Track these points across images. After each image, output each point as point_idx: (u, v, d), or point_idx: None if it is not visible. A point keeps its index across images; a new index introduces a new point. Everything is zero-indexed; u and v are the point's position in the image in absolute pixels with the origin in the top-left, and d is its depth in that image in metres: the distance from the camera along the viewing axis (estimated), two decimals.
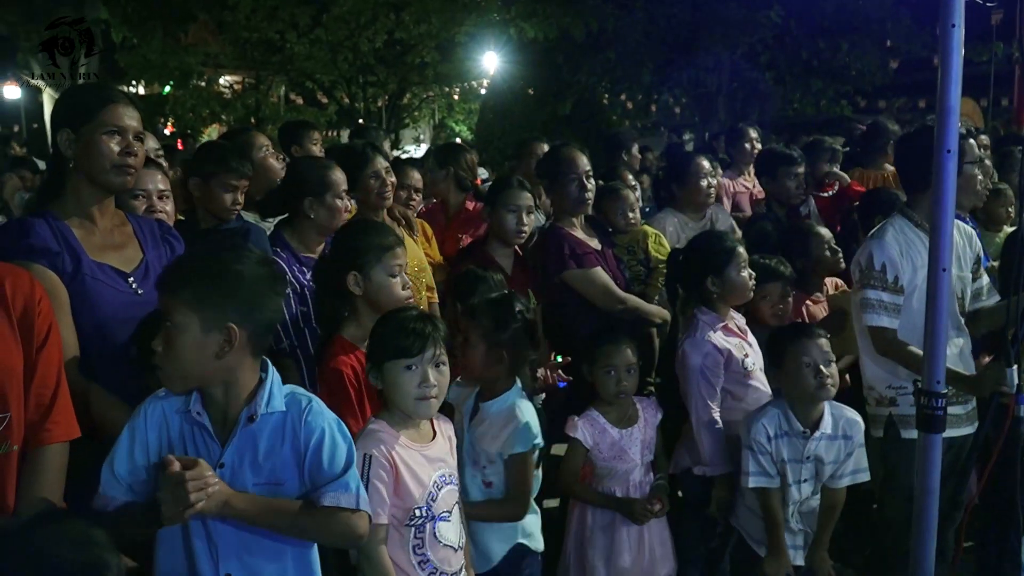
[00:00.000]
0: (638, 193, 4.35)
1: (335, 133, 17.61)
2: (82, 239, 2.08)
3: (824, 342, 2.76)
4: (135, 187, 2.41)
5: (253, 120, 16.22)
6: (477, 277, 2.97)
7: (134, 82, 15.20)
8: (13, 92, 17.27)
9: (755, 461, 2.73)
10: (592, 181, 3.44)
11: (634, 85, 14.11)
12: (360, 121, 16.55)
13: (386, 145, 4.96)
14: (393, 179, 3.35)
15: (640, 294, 3.62)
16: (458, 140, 17.36)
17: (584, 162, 3.39)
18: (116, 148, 2.07)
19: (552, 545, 2.85)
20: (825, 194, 4.79)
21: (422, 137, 22.48)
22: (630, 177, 4.54)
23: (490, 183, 4.73)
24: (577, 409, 2.98)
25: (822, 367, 2.69)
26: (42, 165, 8.01)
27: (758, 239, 3.77)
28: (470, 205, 4.21)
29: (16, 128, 19.52)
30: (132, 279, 2.15)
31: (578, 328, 3.34)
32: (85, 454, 1.82)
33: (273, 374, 1.77)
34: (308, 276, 2.76)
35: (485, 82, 18.17)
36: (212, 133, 17.52)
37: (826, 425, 2.75)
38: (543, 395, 3.08)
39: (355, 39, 15.37)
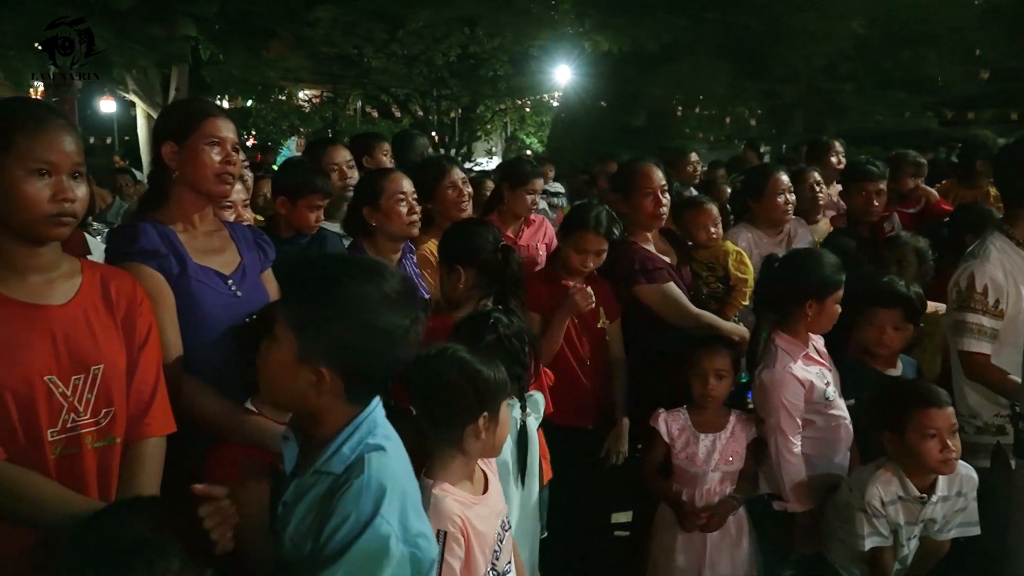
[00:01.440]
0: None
1: None
2: (186, 243, 2.17)
3: (951, 411, 2.51)
4: None
5: (330, 132, 16.62)
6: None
7: (219, 96, 15.77)
8: (109, 106, 18.11)
9: (870, 524, 2.55)
10: (667, 196, 3.41)
11: (707, 97, 13.93)
12: (433, 134, 16.79)
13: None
14: (469, 190, 3.40)
15: (717, 312, 3.56)
16: (528, 153, 17.45)
17: (659, 176, 3.37)
18: (217, 158, 2.16)
19: None
20: (910, 210, 4.63)
21: (494, 149, 22.67)
22: (728, 190, 4.42)
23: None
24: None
25: (948, 440, 2.47)
26: (139, 175, 8.39)
27: (837, 256, 3.66)
28: (533, 216, 4.31)
29: (109, 140, 20.45)
30: (231, 281, 2.23)
31: (649, 344, 3.31)
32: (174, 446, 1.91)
33: (359, 425, 1.46)
34: None
35: (557, 94, 18.22)
36: (290, 145, 18.04)
37: (942, 487, 2.57)
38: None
39: (429, 53, 15.63)
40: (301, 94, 19.22)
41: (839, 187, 4.51)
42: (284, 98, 17.76)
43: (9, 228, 1.69)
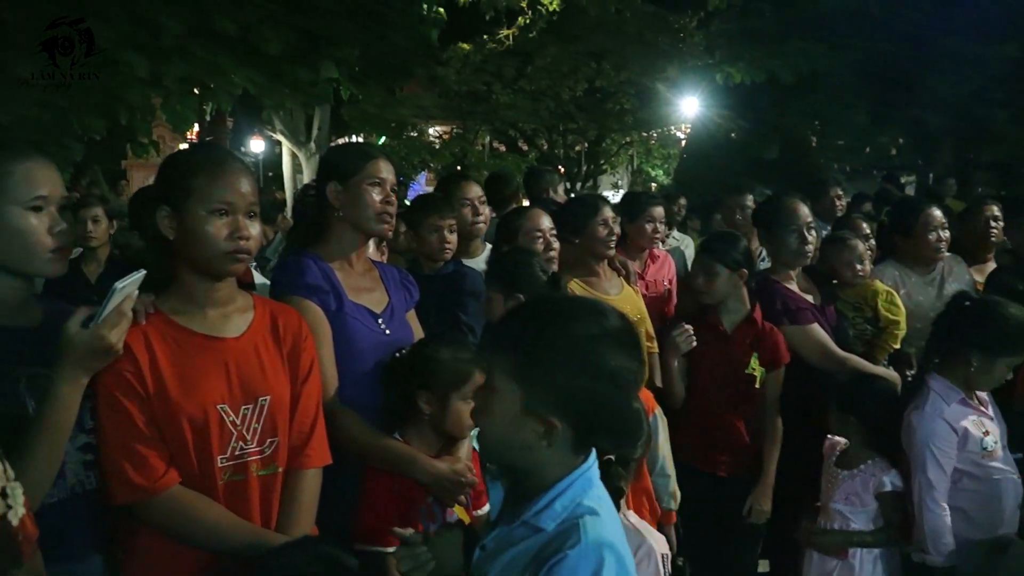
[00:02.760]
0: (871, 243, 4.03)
1: None
2: (343, 280, 2.27)
3: None
4: None
5: (459, 167, 17.08)
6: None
7: (355, 134, 16.54)
8: (258, 145, 19.34)
9: None
10: (813, 232, 3.29)
11: (846, 126, 13.38)
12: (560, 167, 16.95)
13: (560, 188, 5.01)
14: (619, 230, 3.38)
15: (864, 355, 3.38)
16: (652, 186, 17.30)
17: (806, 212, 3.26)
18: (378, 198, 2.26)
19: None
20: None
21: (620, 183, 22.64)
22: (864, 226, 4.23)
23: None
24: None
25: None
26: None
27: (1001, 295, 3.41)
28: (656, 251, 4.19)
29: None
30: (381, 320, 2.31)
31: (794, 387, 3.18)
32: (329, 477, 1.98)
33: (575, 481, 1.35)
34: None
35: (684, 126, 18.03)
36: (420, 179, 18.64)
37: None
38: None
39: (557, 88, 15.83)
40: (431, 130, 19.87)
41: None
42: (415, 134, 18.40)
43: (191, 264, 1.82)
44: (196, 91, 9.37)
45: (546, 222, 3.06)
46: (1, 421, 1.59)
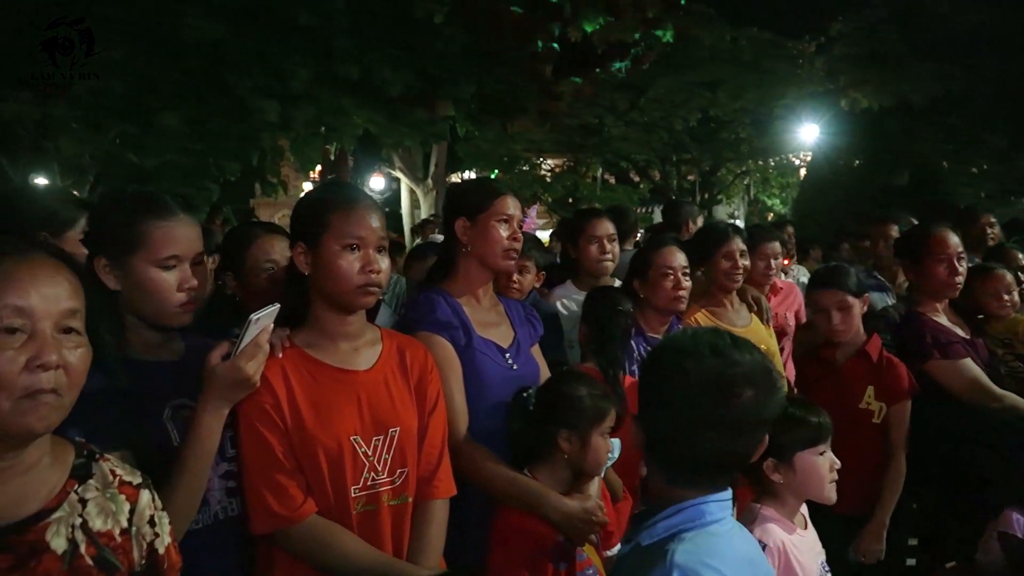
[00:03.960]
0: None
1: (648, 210, 17.96)
2: (470, 315, 2.28)
3: None
4: None
5: (571, 200, 17.13)
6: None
7: (469, 169, 16.90)
8: (378, 183, 20.05)
9: None
10: (963, 263, 3.07)
11: (982, 151, 12.62)
12: (673, 197, 16.73)
13: (700, 219, 4.89)
14: (746, 262, 3.26)
15: (1019, 392, 3.11)
16: (769, 216, 16.80)
17: (956, 242, 3.06)
18: (505, 234, 2.27)
19: None
20: None
21: (736, 213, 22.13)
22: (1021, 256, 3.92)
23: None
24: None
25: None
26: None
27: None
28: (778, 283, 4.01)
29: None
30: (508, 355, 2.31)
31: (943, 426, 2.95)
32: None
33: (684, 509, 1.37)
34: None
35: (803, 155, 17.49)
36: (531, 213, 18.79)
37: None
38: None
39: (670, 119, 15.69)
40: (544, 163, 20.06)
41: None
42: (526, 168, 18.61)
43: (324, 298, 1.86)
44: (321, 132, 9.84)
45: (680, 259, 2.99)
46: (147, 451, 1.66)
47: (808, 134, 15.80)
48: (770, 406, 1.35)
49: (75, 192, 10.36)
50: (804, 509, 2.19)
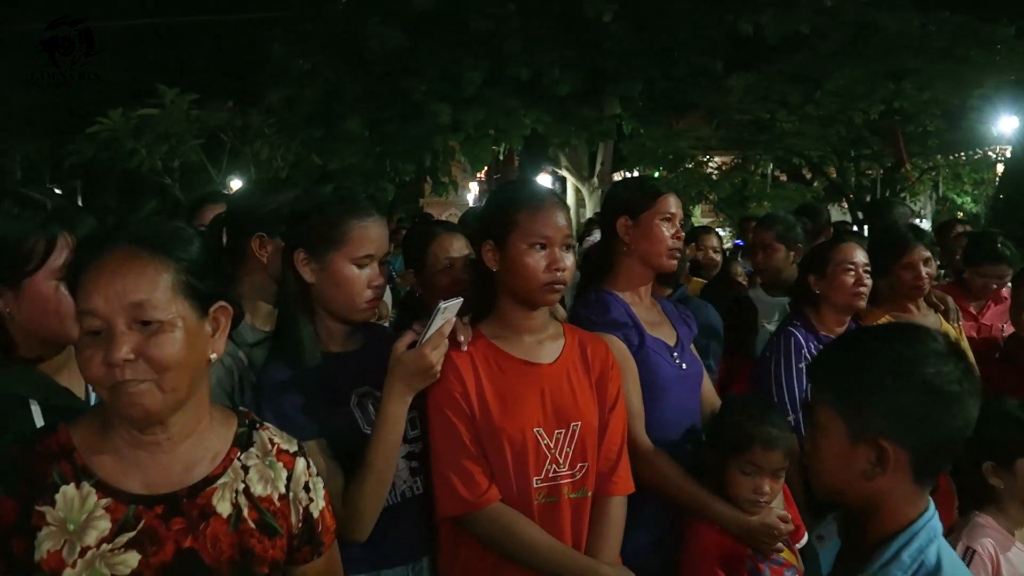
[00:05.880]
0: None
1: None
2: (638, 315, 2.28)
3: None
4: None
5: (740, 198, 16.59)
6: None
7: (634, 168, 16.74)
8: (544, 181, 20.24)
9: None
10: None
11: None
12: (851, 196, 15.82)
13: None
14: (931, 269, 3.08)
15: None
16: (959, 214, 15.50)
17: None
18: (668, 233, 2.27)
19: None
20: None
21: (923, 212, 20.59)
22: None
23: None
24: None
25: None
26: None
27: None
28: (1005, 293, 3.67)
29: None
30: (675, 354, 2.30)
31: None
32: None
33: (925, 527, 1.26)
34: None
35: (1000, 149, 16.00)
36: (696, 212, 18.35)
37: None
38: None
39: (849, 112, 14.81)
40: (710, 161, 19.53)
41: None
42: (691, 166, 18.17)
43: (510, 294, 1.92)
44: (491, 133, 10.13)
45: (860, 256, 2.86)
46: (337, 435, 1.78)
47: (1007, 126, 14.45)
48: (965, 383, 1.25)
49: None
50: None
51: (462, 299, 1.80)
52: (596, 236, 5.04)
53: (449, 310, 1.75)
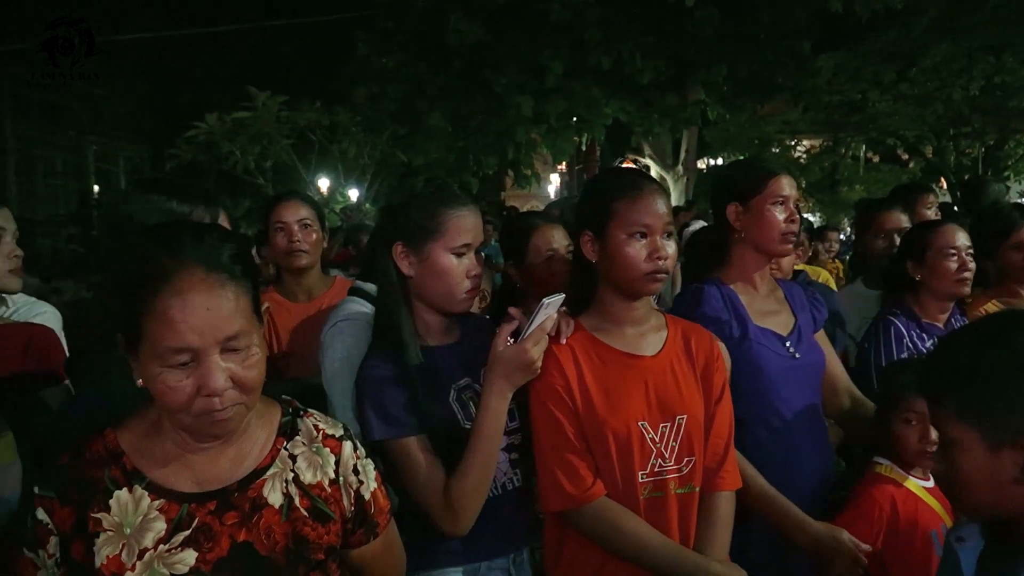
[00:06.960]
0: None
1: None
2: (747, 304, 2.21)
3: None
4: None
5: (832, 183, 16.04)
6: None
7: (718, 155, 16.39)
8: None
9: None
10: None
11: None
12: (951, 176, 15.09)
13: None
14: None
15: None
16: None
17: None
18: (782, 217, 2.18)
19: None
20: None
21: None
22: None
23: None
24: None
25: None
26: None
27: None
28: None
29: None
30: (788, 343, 2.21)
31: None
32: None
33: None
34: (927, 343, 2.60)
35: None
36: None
37: None
38: None
39: (947, 89, 14.11)
40: (799, 145, 18.92)
41: None
42: (777, 151, 17.65)
43: (611, 284, 1.89)
44: (573, 123, 10.08)
45: (962, 239, 2.71)
46: (437, 430, 1.79)
47: None
48: None
49: (355, 188, 11.47)
50: None
51: (564, 295, 1.78)
52: (697, 224, 4.94)
53: (551, 306, 1.75)
